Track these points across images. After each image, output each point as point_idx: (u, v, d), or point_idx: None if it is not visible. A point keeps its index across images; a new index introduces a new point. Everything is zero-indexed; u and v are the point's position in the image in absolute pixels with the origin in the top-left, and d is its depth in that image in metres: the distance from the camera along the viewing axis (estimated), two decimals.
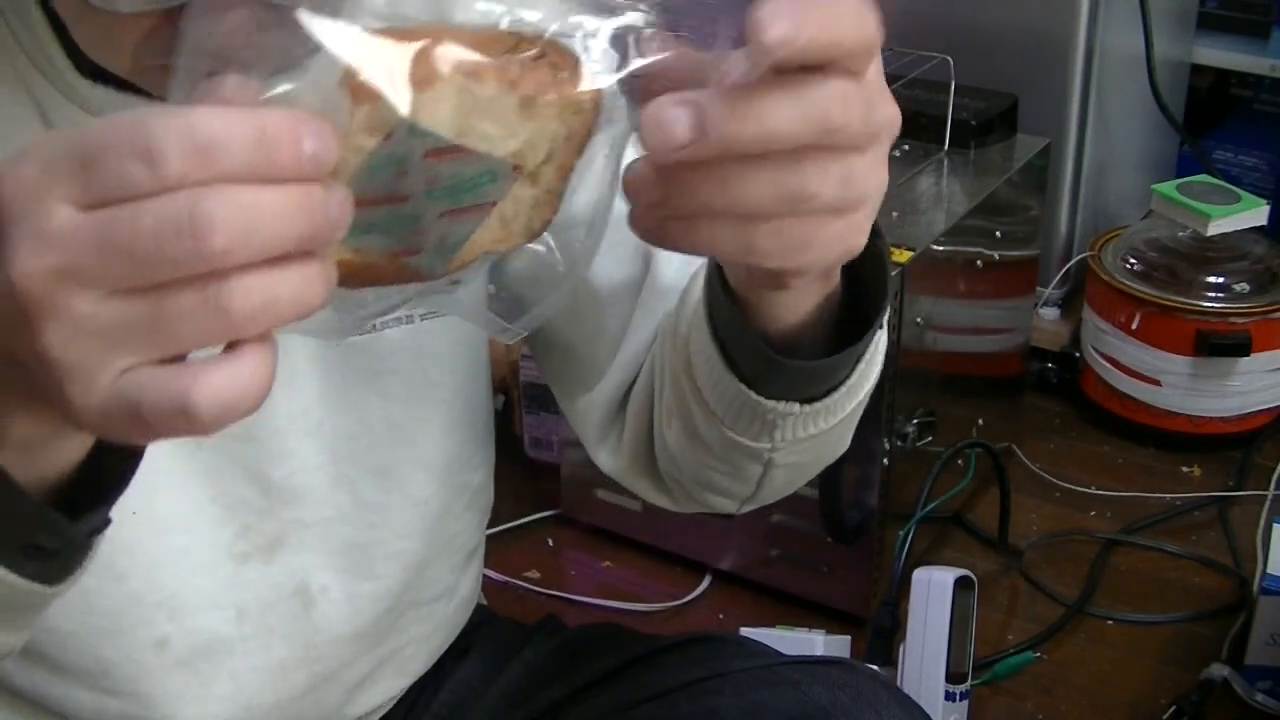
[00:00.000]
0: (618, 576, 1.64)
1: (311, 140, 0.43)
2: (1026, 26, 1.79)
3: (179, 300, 0.42)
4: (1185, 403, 1.78)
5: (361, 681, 0.86)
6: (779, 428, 0.68)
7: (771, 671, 0.83)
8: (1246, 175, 2.16)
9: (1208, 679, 1.40)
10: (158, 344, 0.43)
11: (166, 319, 0.42)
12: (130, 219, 0.42)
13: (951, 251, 1.48)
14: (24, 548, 0.53)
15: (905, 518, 1.47)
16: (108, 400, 0.43)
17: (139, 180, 0.41)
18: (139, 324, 0.43)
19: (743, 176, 0.47)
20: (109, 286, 0.42)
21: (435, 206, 0.48)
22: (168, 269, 0.42)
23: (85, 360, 0.43)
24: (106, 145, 0.42)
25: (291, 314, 0.44)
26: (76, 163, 0.42)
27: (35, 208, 0.42)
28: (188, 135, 0.41)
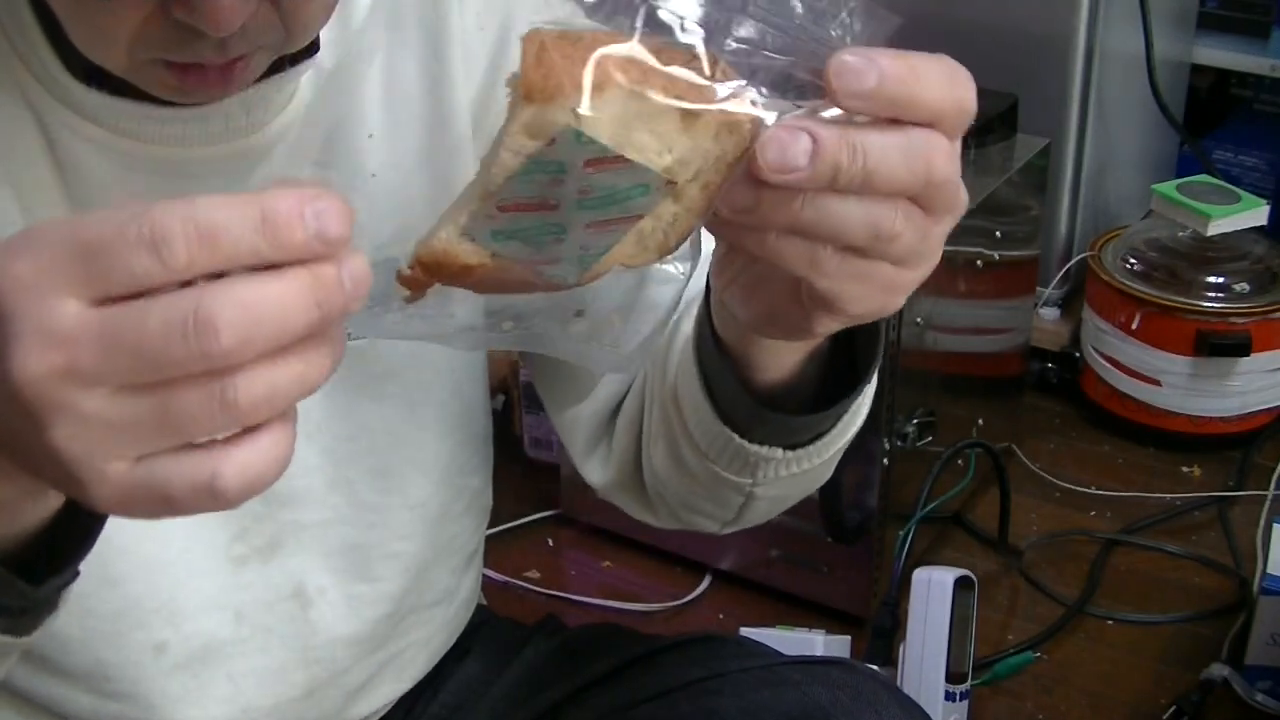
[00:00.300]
0: (618, 576, 1.64)
1: (318, 218, 0.42)
2: (1026, 26, 1.79)
3: (185, 396, 0.42)
4: (1185, 403, 1.78)
5: (361, 686, 0.86)
6: (762, 468, 0.70)
7: (771, 671, 0.83)
8: (1246, 175, 2.16)
9: (1208, 679, 1.40)
10: (165, 438, 0.43)
11: (172, 414, 0.43)
12: (137, 318, 0.42)
13: (951, 251, 1.48)
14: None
15: (905, 518, 1.47)
16: (128, 487, 0.44)
17: (145, 270, 0.41)
18: (145, 419, 0.43)
19: (839, 202, 0.49)
20: (115, 384, 0.42)
21: (584, 217, 0.48)
22: (174, 368, 0.42)
23: (94, 455, 0.43)
24: (110, 236, 0.42)
25: (297, 397, 0.44)
26: (79, 255, 0.42)
27: (38, 305, 0.42)
28: (191, 222, 0.41)
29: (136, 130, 0.66)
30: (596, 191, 0.47)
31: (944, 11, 1.83)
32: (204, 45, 0.58)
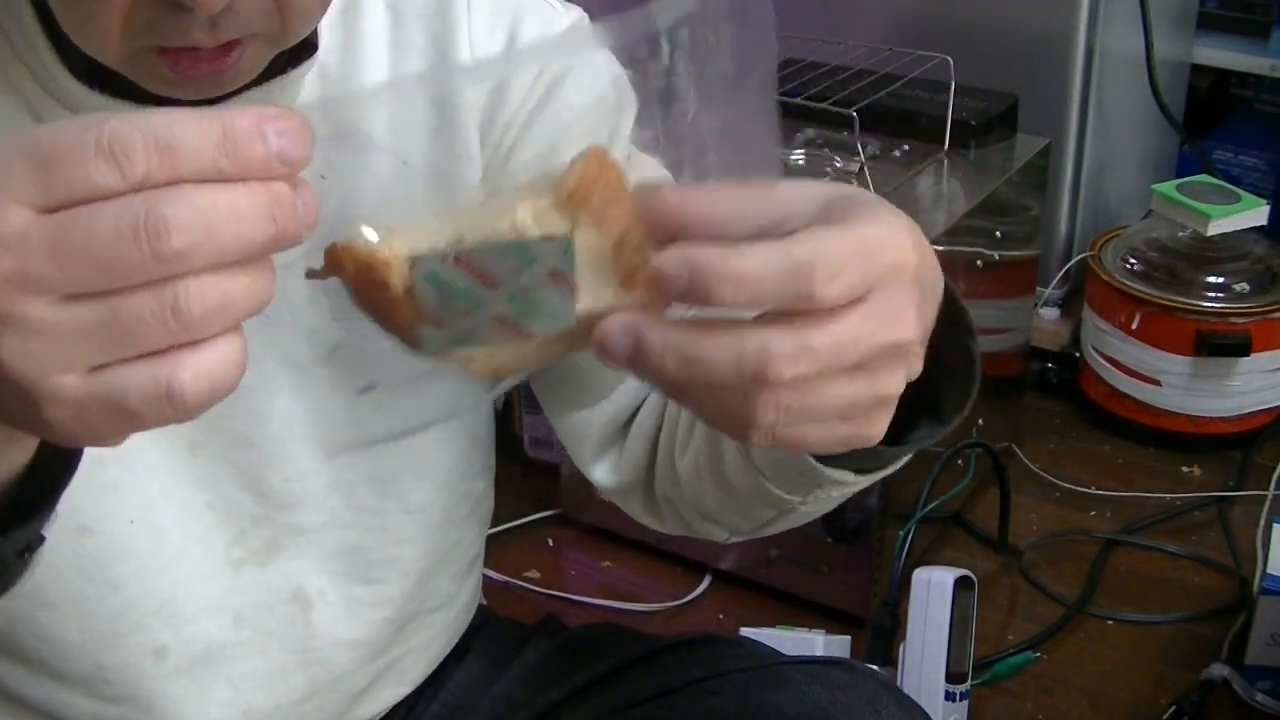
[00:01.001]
0: (618, 576, 1.64)
1: (278, 137, 0.42)
2: (1026, 26, 1.79)
3: (135, 304, 0.41)
4: (1185, 403, 1.78)
5: (363, 690, 0.86)
6: (824, 489, 0.67)
7: (771, 671, 0.83)
8: (1246, 175, 2.16)
9: (1208, 679, 1.40)
10: (115, 347, 0.42)
11: (122, 322, 0.42)
12: (88, 221, 0.41)
13: (951, 251, 1.48)
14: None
15: (905, 518, 1.47)
16: (83, 401, 0.43)
17: (101, 180, 0.41)
18: (95, 329, 0.42)
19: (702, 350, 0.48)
20: (64, 291, 0.41)
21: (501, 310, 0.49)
22: (124, 273, 0.41)
23: (44, 367, 0.42)
24: (67, 145, 0.41)
25: (248, 312, 0.43)
26: (34, 163, 0.41)
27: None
28: (150, 134, 0.41)
29: None
30: (533, 300, 0.48)
31: (944, 11, 1.83)
32: (194, 25, 0.57)
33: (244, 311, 0.43)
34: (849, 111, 1.50)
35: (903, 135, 1.63)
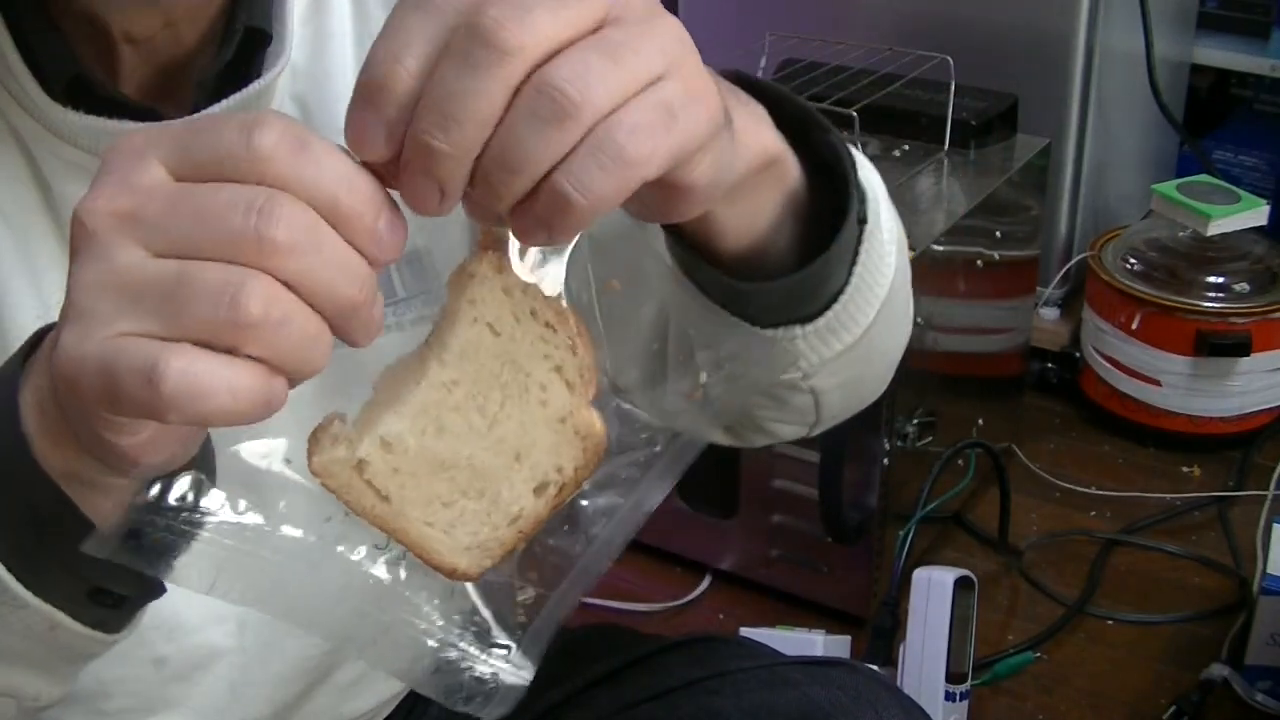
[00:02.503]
0: (618, 576, 1.64)
1: (387, 225, 0.45)
2: (1026, 26, 1.79)
3: (205, 274, 0.43)
4: (1185, 403, 1.78)
5: (355, 681, 0.86)
6: (797, 354, 0.65)
7: (771, 671, 0.83)
8: (1246, 175, 2.16)
9: (1208, 679, 1.40)
10: (166, 311, 0.43)
11: (186, 288, 0.43)
12: (210, 190, 0.43)
13: (951, 251, 1.48)
14: (91, 594, 0.53)
15: (905, 518, 1.47)
16: (86, 356, 0.44)
17: (230, 159, 0.43)
18: (160, 288, 0.43)
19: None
20: (158, 244, 0.43)
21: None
22: (219, 241, 0.43)
23: (96, 308, 0.43)
24: (217, 121, 0.44)
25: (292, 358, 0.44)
26: (182, 132, 0.44)
27: (132, 162, 0.44)
28: (297, 141, 0.43)
29: None
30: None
31: (944, 11, 1.83)
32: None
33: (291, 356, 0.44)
34: (849, 111, 1.50)
35: (903, 135, 1.63)
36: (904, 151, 1.61)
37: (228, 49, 0.66)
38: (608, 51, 0.44)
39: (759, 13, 1.92)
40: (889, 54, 1.68)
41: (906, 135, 1.63)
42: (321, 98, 0.73)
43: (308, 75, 0.72)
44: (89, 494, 0.51)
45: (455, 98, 0.43)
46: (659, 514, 0.58)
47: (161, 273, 0.43)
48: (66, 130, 0.64)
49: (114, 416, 0.45)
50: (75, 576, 0.52)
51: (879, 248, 0.65)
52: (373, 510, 0.49)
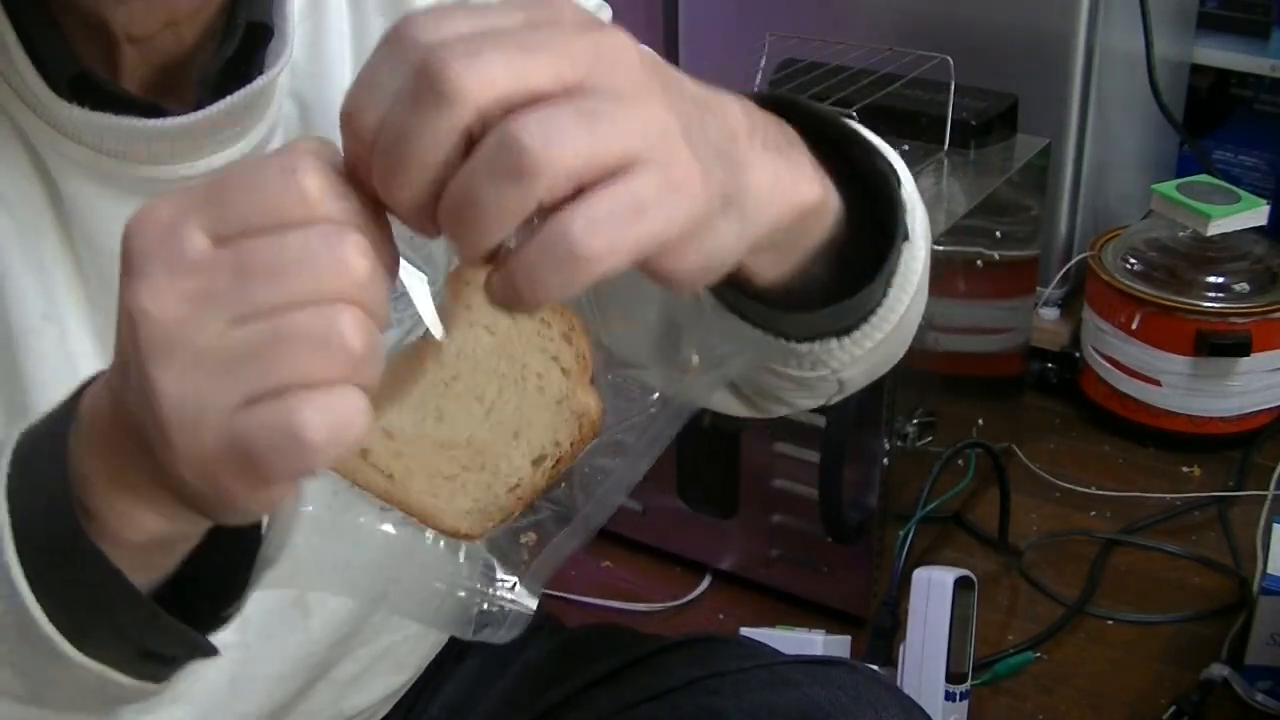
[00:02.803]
0: (618, 576, 1.64)
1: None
2: (1026, 26, 1.79)
3: (299, 325, 0.42)
4: (1185, 403, 1.78)
5: (356, 678, 0.86)
6: (829, 358, 0.65)
7: (771, 671, 0.83)
8: (1246, 175, 2.16)
9: (1208, 679, 1.40)
10: (271, 372, 0.42)
11: (285, 344, 0.42)
12: (275, 243, 0.42)
13: (951, 251, 1.48)
14: (142, 654, 0.53)
15: (905, 518, 1.47)
16: (218, 444, 0.43)
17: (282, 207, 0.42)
18: (257, 352, 0.42)
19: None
20: (241, 310, 0.42)
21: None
22: (305, 289, 0.42)
23: (198, 399, 0.42)
24: (248, 174, 0.43)
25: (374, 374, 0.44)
26: (212, 193, 0.43)
27: (170, 240, 0.43)
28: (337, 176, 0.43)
29: (123, 150, 0.65)
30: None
31: (944, 11, 1.83)
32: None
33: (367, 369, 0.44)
34: (849, 111, 1.50)
35: (903, 135, 1.63)
36: (904, 151, 1.61)
37: (229, 45, 0.66)
38: (581, 114, 0.42)
39: (759, 13, 1.92)
40: (889, 54, 1.68)
41: (906, 135, 1.63)
42: (320, 95, 0.73)
43: (307, 72, 0.73)
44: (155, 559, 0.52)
45: (401, 140, 0.42)
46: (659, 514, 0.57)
47: (253, 338, 0.42)
48: (70, 127, 0.65)
49: (264, 489, 0.44)
50: (125, 641, 0.53)
51: (913, 252, 0.65)
52: (377, 485, 0.51)
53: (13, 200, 0.66)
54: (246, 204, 0.43)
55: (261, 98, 0.68)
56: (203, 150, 0.67)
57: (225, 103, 0.66)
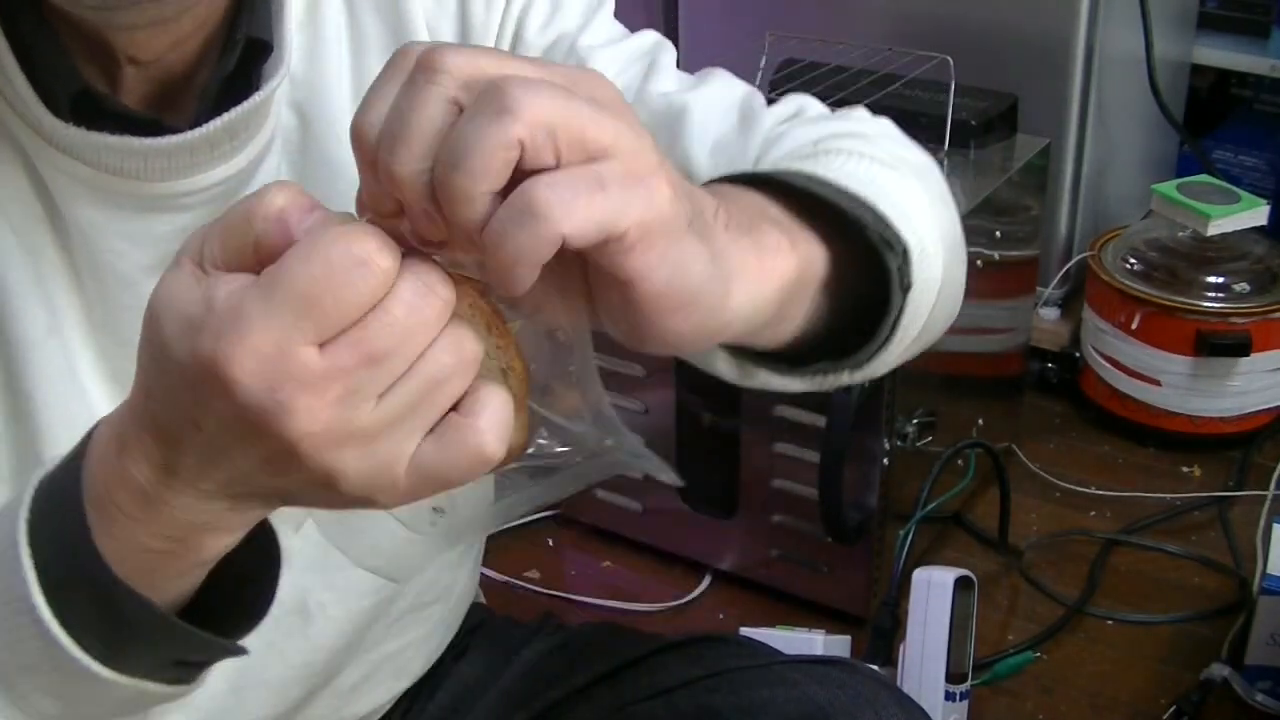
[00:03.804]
0: (618, 576, 1.64)
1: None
2: (1026, 26, 1.79)
3: (432, 369, 0.46)
4: (1185, 403, 1.78)
5: (358, 685, 0.86)
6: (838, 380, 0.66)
7: (771, 671, 0.83)
8: (1246, 175, 2.16)
9: (1208, 679, 1.40)
10: (430, 413, 0.47)
11: (431, 389, 0.46)
12: (384, 320, 0.45)
13: None
14: (174, 663, 0.55)
15: (905, 518, 1.47)
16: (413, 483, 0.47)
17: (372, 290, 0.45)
18: (411, 405, 0.46)
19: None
20: (383, 387, 0.45)
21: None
22: (422, 337, 0.46)
23: (383, 461, 0.47)
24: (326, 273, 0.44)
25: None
26: (301, 304, 0.44)
27: (288, 367, 0.44)
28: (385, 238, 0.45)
29: (121, 167, 0.65)
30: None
31: (944, 11, 1.83)
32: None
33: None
34: None
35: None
36: None
37: (229, 60, 0.66)
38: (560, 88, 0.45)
39: (759, 13, 1.92)
40: (889, 54, 1.68)
41: (906, 135, 1.63)
42: (319, 105, 0.73)
43: (305, 83, 0.72)
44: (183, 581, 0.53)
45: (396, 116, 0.45)
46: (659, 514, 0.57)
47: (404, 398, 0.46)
48: (69, 145, 0.64)
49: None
50: (158, 656, 0.54)
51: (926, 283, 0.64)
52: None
53: (15, 216, 0.66)
54: (335, 304, 0.44)
55: (258, 113, 0.68)
56: (201, 166, 0.67)
57: (222, 120, 0.66)
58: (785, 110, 0.78)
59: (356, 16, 0.74)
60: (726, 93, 0.78)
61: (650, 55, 0.79)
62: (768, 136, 0.74)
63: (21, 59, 0.63)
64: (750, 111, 0.77)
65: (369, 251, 0.44)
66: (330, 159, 0.73)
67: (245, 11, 0.67)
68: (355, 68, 0.74)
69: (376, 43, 0.74)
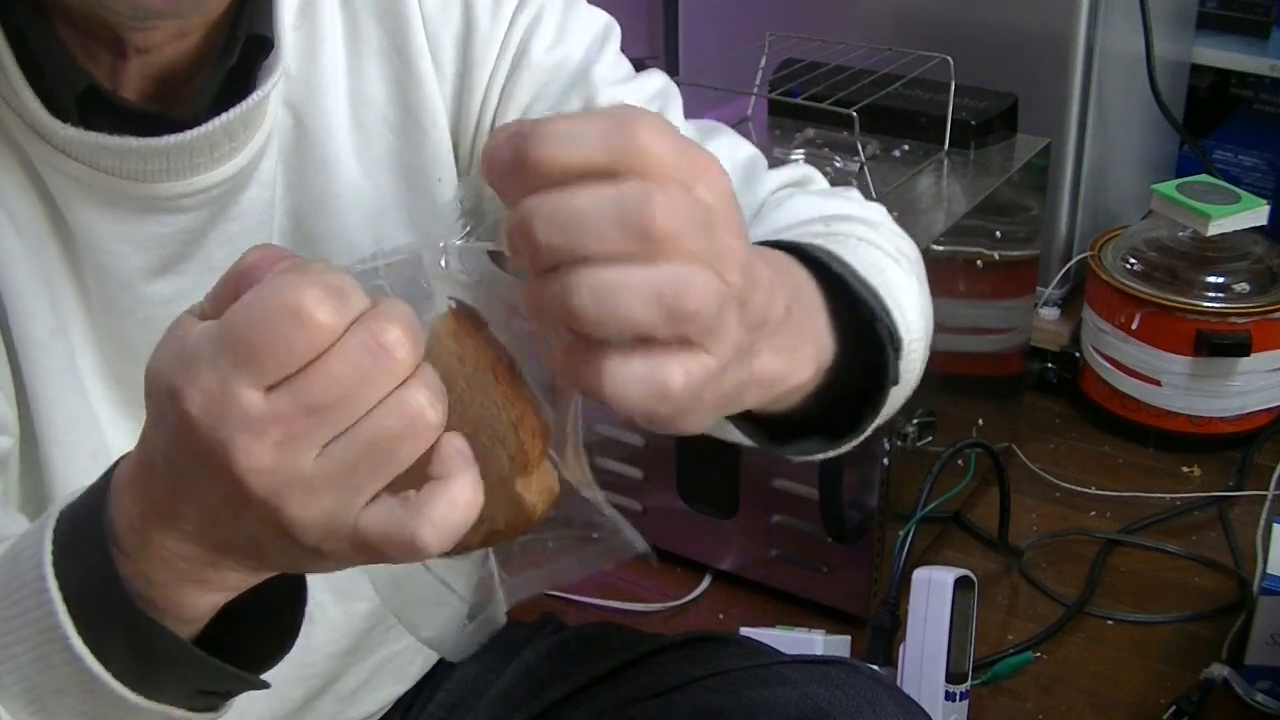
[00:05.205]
0: (618, 576, 1.64)
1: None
2: (1026, 26, 1.79)
3: (377, 424, 0.45)
4: (1185, 403, 1.78)
5: (357, 689, 0.86)
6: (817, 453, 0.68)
7: (770, 671, 0.83)
8: (1246, 175, 2.16)
9: (1208, 679, 1.40)
10: (376, 472, 0.46)
11: (377, 444, 0.45)
12: (323, 373, 0.45)
13: (951, 251, 1.48)
14: (201, 691, 0.55)
15: (905, 518, 1.47)
16: (354, 543, 0.47)
17: (310, 342, 0.44)
18: (356, 461, 0.46)
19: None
20: (325, 436, 0.45)
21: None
22: (368, 390, 0.45)
23: (327, 513, 0.46)
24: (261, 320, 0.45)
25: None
26: (240, 348, 0.45)
27: (229, 407, 0.45)
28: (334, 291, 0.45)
29: (118, 167, 0.65)
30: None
31: (944, 11, 1.83)
32: None
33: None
34: (849, 111, 1.50)
35: (903, 135, 1.63)
36: (904, 151, 1.61)
37: (230, 57, 0.66)
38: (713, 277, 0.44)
39: (759, 13, 1.92)
40: (889, 54, 1.68)
41: (906, 135, 1.63)
42: (314, 104, 0.73)
43: (301, 82, 0.72)
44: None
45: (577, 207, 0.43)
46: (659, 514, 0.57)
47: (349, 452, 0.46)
48: (67, 145, 0.65)
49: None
50: (186, 684, 0.55)
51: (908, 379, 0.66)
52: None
53: (19, 217, 0.66)
54: (274, 348, 0.44)
55: (256, 112, 0.68)
56: (200, 167, 0.67)
57: (219, 120, 0.65)
58: (789, 175, 0.80)
59: (355, 17, 0.74)
60: (731, 151, 0.80)
61: (661, 99, 0.81)
62: (769, 199, 0.76)
63: (18, 55, 0.63)
64: (753, 173, 0.79)
65: (305, 303, 0.44)
66: (325, 159, 0.73)
67: (248, 7, 0.66)
68: (351, 69, 0.74)
69: (374, 45, 0.74)
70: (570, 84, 0.77)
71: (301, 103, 0.72)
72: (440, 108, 0.75)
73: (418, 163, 0.75)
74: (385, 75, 0.74)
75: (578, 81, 0.77)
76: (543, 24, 0.77)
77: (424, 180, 0.76)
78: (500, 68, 0.76)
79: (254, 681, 0.57)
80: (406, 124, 0.75)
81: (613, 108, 0.45)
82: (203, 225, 0.69)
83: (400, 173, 0.75)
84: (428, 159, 0.76)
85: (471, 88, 0.76)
